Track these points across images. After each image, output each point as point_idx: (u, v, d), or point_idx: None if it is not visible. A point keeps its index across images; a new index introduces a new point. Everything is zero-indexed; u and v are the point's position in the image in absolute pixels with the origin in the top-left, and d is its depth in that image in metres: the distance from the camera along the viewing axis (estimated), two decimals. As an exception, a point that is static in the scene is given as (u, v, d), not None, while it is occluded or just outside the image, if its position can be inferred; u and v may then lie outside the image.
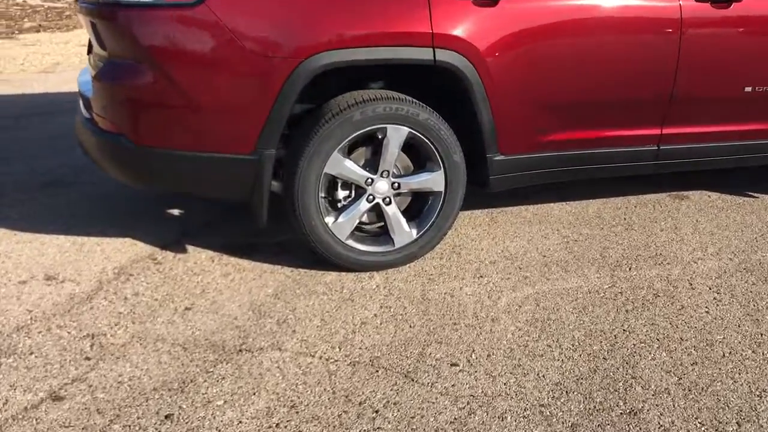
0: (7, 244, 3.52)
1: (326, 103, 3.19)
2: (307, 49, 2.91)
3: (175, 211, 4.04)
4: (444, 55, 3.07)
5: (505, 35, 3.17)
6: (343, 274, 3.30)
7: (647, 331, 2.86)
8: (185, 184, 3.13)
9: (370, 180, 3.20)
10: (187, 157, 2.99)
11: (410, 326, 2.87)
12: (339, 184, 3.23)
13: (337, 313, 2.97)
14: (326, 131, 3.04)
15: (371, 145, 3.24)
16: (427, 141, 3.20)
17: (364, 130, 3.10)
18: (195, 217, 3.94)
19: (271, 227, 3.41)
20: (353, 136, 3.09)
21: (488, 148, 3.32)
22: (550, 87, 3.36)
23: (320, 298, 3.09)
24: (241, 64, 2.89)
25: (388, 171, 3.21)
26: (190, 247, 3.57)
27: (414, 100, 3.15)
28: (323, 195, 3.18)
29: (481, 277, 3.30)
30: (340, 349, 2.71)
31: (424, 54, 3.04)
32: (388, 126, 3.12)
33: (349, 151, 3.21)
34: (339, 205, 3.26)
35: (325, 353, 2.68)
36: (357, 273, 3.30)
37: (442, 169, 3.26)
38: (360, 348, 2.72)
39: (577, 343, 2.76)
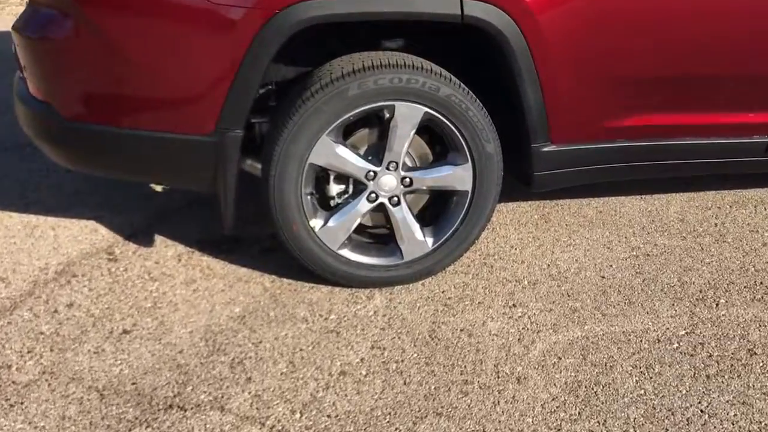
0: (-58, 225, 2.94)
1: (316, 70, 2.41)
2: (282, -2, 2.12)
3: (159, 186, 3.37)
4: (475, 9, 2.23)
5: (565, -18, 2.29)
6: (337, 290, 2.56)
7: (735, 415, 2.03)
8: (130, 170, 2.44)
9: (372, 173, 2.42)
10: (128, 137, 2.28)
11: (405, 383, 2.13)
12: (331, 177, 2.47)
13: (314, 353, 2.25)
14: (310, 108, 2.27)
15: (376, 127, 2.45)
16: (449, 125, 2.38)
17: (363, 108, 2.31)
18: (180, 195, 3.26)
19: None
20: (348, 115, 2.31)
21: (534, 135, 2.48)
22: (627, 54, 2.48)
23: (297, 326, 2.37)
24: (192, 17, 2.13)
25: (397, 162, 2.42)
26: (159, 238, 2.90)
27: (434, 68, 2.33)
28: (309, 191, 2.42)
29: (515, 306, 2.50)
30: (301, 415, 1.99)
31: (445, 6, 2.21)
32: (396, 103, 2.32)
33: (345, 134, 2.43)
34: (332, 203, 2.51)
35: (279, 421, 1.97)
36: (354, 289, 2.56)
37: (469, 161, 2.44)
38: (328, 415, 2.00)
39: (631, 430, 1.96)
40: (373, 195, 2.45)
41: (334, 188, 2.49)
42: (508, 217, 3.14)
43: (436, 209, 2.60)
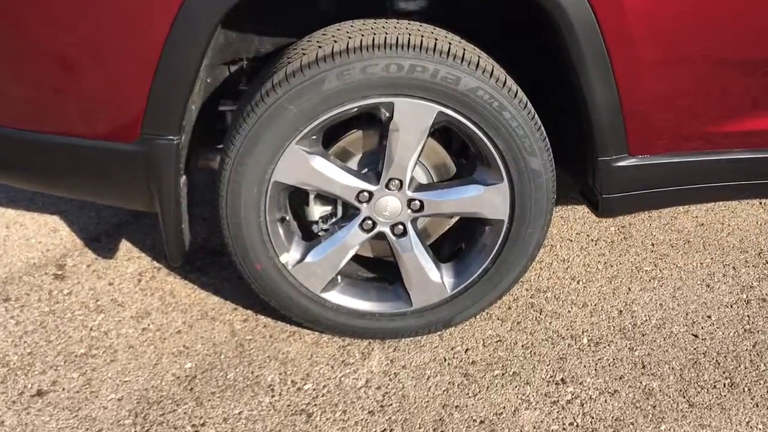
0: None
1: (289, 48, 1.71)
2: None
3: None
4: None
5: None
6: (325, 338, 1.93)
7: None
8: (45, 184, 1.84)
9: (366, 194, 1.72)
10: (29, 143, 1.67)
11: None
12: (311, 195, 1.80)
13: (268, 449, 1.63)
14: (271, 106, 1.58)
15: (375, 127, 1.75)
16: (476, 130, 1.64)
17: (347, 107, 1.60)
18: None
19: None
20: (325, 117, 1.61)
21: (603, 146, 1.71)
22: (756, 24, 1.63)
23: (258, 400, 1.75)
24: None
25: (401, 180, 1.71)
26: (124, 245, 2.33)
27: (452, 47, 1.58)
28: (279, 216, 1.76)
29: (564, 382, 1.79)
30: None
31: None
32: (395, 100, 1.60)
33: (330, 137, 1.74)
34: (314, 228, 1.84)
35: None
36: (348, 340, 1.92)
37: (505, 180, 1.70)
38: None
39: None
40: (369, 222, 1.76)
41: (316, 210, 1.82)
42: (575, 229, 2.38)
43: (460, 237, 1.90)
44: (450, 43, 1.59)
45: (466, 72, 1.57)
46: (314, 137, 1.66)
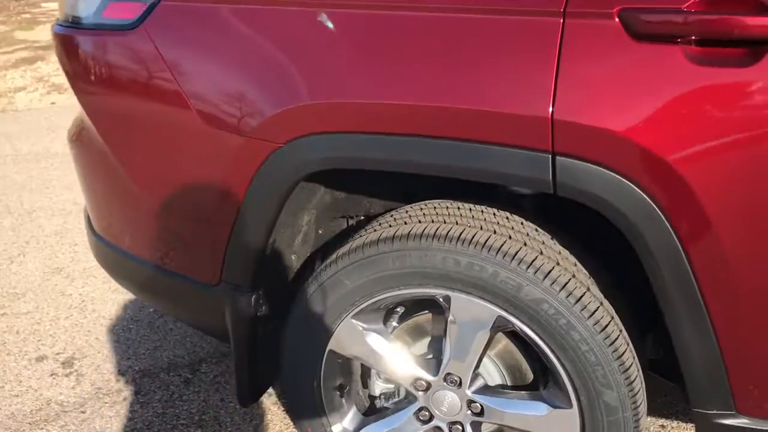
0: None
1: (373, 220, 1.71)
2: (290, 128, 1.46)
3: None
4: (575, 173, 1.28)
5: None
6: None
7: None
8: (151, 300, 2.02)
9: (423, 383, 1.60)
10: (134, 264, 1.87)
11: None
12: (374, 369, 1.72)
13: None
14: (329, 277, 1.57)
15: (443, 316, 1.63)
16: (541, 344, 1.45)
17: (402, 291, 1.52)
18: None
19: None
20: (382, 297, 1.55)
21: (698, 398, 1.39)
22: None
23: None
24: (182, 138, 1.60)
25: (460, 378, 1.56)
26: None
27: (521, 250, 1.43)
28: (338, 383, 1.71)
29: None
30: None
31: (526, 167, 1.30)
32: (452, 294, 1.48)
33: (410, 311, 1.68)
34: (377, 404, 1.76)
35: None
36: None
37: (575, 406, 1.47)
38: None
39: None
40: (426, 413, 1.63)
41: (378, 386, 1.73)
42: None
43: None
44: (524, 245, 1.44)
45: (530, 280, 1.40)
46: (375, 313, 1.60)
